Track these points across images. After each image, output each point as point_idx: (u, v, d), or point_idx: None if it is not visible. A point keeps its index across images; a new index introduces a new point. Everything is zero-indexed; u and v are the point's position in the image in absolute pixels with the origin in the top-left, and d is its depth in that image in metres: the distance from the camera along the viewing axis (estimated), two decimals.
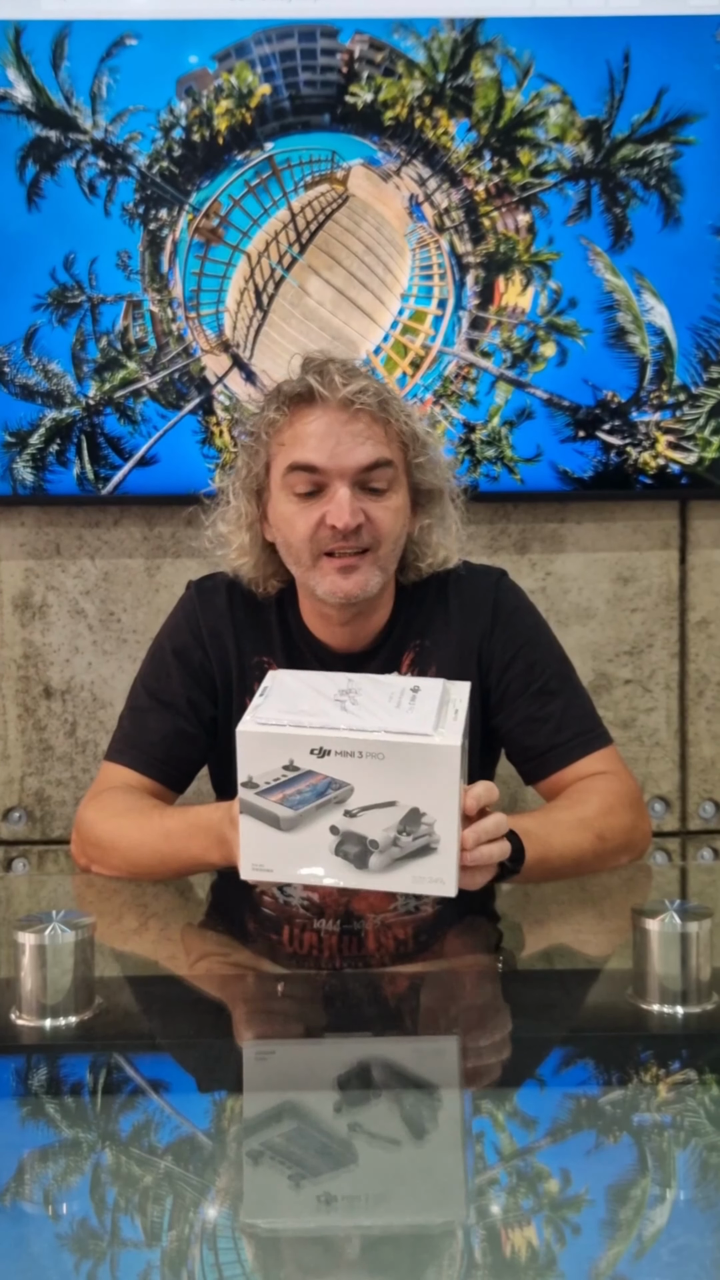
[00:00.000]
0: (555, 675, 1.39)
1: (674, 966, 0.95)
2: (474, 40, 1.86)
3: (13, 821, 1.99)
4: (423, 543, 1.36)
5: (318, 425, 1.26)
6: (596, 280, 1.91)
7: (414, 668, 1.38)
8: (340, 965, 1.11)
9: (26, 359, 1.90)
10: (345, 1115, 0.85)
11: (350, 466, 1.26)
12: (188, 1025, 1.02)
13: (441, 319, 1.92)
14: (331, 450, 1.25)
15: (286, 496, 1.29)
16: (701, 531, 2.01)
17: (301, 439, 1.27)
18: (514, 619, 1.39)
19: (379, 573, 1.29)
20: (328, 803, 0.96)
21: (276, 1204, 0.72)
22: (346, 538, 1.26)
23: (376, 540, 1.28)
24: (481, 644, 1.38)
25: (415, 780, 0.95)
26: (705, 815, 2.02)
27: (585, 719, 1.38)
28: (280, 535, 1.32)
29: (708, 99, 1.89)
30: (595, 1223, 0.70)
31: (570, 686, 1.40)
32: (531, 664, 1.38)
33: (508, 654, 1.37)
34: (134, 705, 1.42)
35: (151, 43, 1.86)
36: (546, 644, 1.41)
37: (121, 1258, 0.66)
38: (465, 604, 1.39)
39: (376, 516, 1.27)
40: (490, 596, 1.40)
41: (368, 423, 1.27)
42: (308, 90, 1.87)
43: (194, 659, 1.39)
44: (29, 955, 0.93)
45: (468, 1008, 1.04)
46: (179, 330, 1.91)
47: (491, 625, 1.38)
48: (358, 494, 1.26)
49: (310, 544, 1.28)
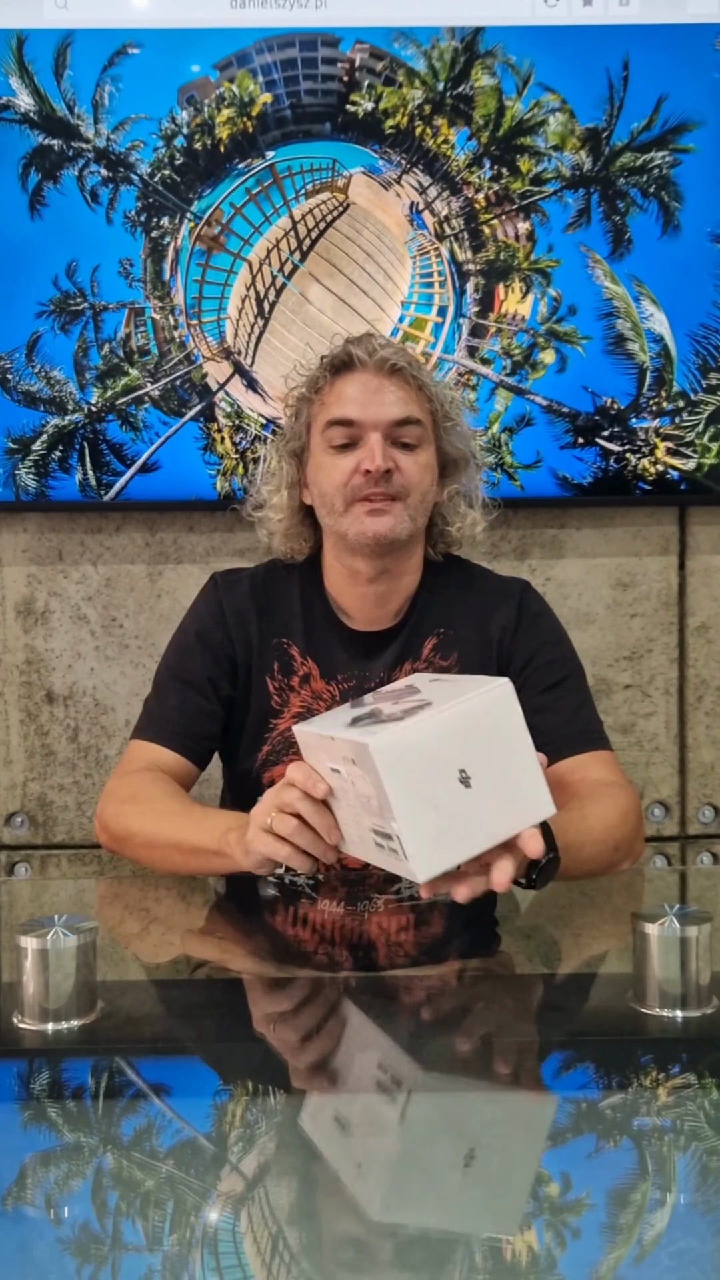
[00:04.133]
0: (571, 676, 1.45)
1: (673, 971, 0.95)
2: (474, 49, 1.87)
3: (15, 826, 1.99)
4: (450, 510, 1.45)
5: (355, 385, 1.37)
6: (596, 288, 1.92)
7: (436, 653, 1.44)
8: (340, 964, 1.11)
9: (29, 366, 1.91)
10: (344, 1117, 0.85)
11: (384, 419, 1.36)
12: (190, 1029, 1.02)
13: (442, 326, 1.93)
14: (366, 405, 1.36)
15: (324, 449, 1.39)
16: (700, 537, 2.01)
17: (340, 398, 1.38)
18: (539, 620, 1.47)
19: (408, 520, 1.37)
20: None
21: (276, 1206, 0.73)
22: (378, 483, 1.35)
23: (405, 489, 1.36)
24: (504, 638, 1.44)
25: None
26: (704, 820, 2.03)
27: (593, 722, 1.44)
28: (317, 487, 1.40)
29: (707, 107, 1.90)
30: (595, 1227, 0.70)
31: (583, 692, 1.46)
32: (551, 662, 1.44)
33: (529, 650, 1.43)
34: (157, 687, 1.48)
35: (153, 52, 1.87)
36: (566, 649, 1.48)
37: (123, 1262, 0.67)
38: (491, 599, 1.46)
39: (406, 466, 1.37)
40: (517, 597, 1.47)
41: (401, 384, 1.37)
42: (309, 99, 1.88)
43: (214, 640, 1.44)
44: (31, 959, 0.93)
45: (467, 1011, 1.04)
46: (181, 337, 1.92)
47: (516, 622, 1.44)
48: (389, 448, 1.36)
49: (344, 490, 1.36)
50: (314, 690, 1.42)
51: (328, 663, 1.43)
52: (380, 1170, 0.77)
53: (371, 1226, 0.71)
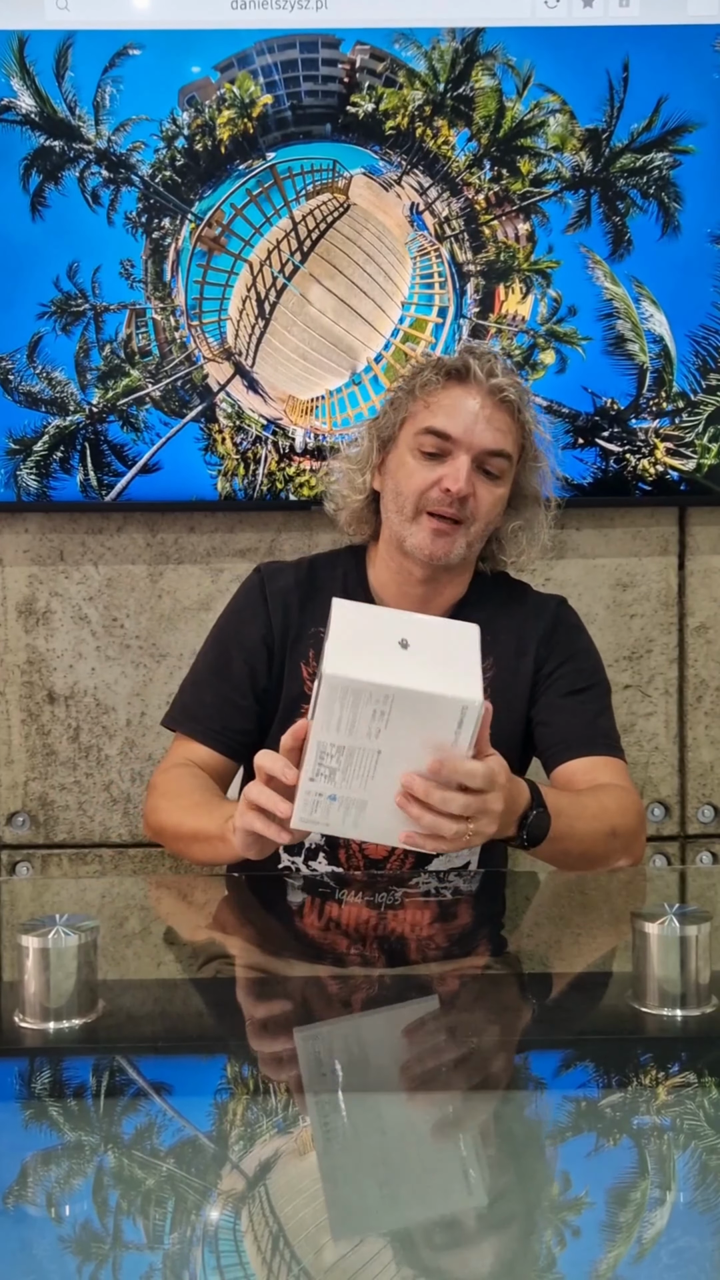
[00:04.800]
0: (597, 686, 1.48)
1: (673, 970, 0.96)
2: (474, 50, 1.88)
3: (16, 826, 2.00)
4: (510, 541, 1.48)
5: (463, 401, 1.39)
6: (596, 288, 1.92)
7: None
8: (341, 963, 1.11)
9: (30, 367, 1.91)
10: (345, 1117, 0.86)
11: (478, 445, 1.38)
12: (191, 1028, 1.02)
13: (442, 327, 1.93)
14: (467, 424, 1.38)
15: (411, 451, 1.40)
16: (700, 538, 2.01)
17: (445, 407, 1.39)
18: (573, 633, 1.51)
19: (465, 545, 1.41)
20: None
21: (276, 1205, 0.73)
22: (452, 504, 1.37)
23: (474, 516, 1.39)
24: (539, 647, 1.47)
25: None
26: (704, 819, 2.03)
27: (609, 732, 1.46)
28: (393, 482, 1.42)
29: (707, 108, 1.90)
30: (595, 1225, 0.70)
31: (604, 702, 1.49)
32: (579, 670, 1.47)
33: (561, 657, 1.47)
34: (196, 679, 1.50)
35: (154, 53, 1.87)
36: (596, 663, 1.51)
37: (124, 1260, 0.67)
38: (530, 612, 1.50)
39: (482, 495, 1.39)
40: (554, 611, 1.51)
41: (505, 415, 1.40)
42: (309, 100, 1.88)
43: (253, 632, 1.46)
44: (33, 958, 0.94)
45: (468, 1010, 1.04)
46: (181, 338, 1.92)
47: (551, 632, 1.48)
48: (473, 471, 1.38)
49: (418, 498, 1.39)
50: None
51: None
52: (380, 1169, 0.77)
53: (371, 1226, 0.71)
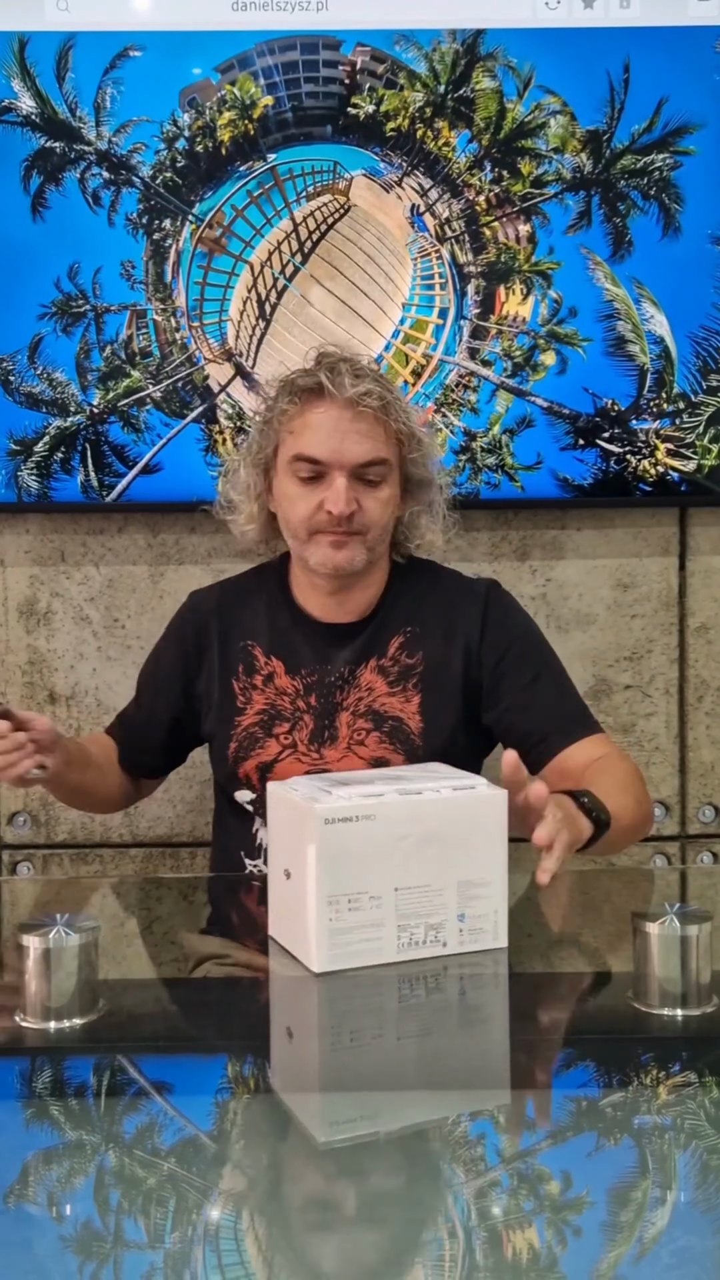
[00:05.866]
0: (547, 667, 1.48)
1: (674, 970, 0.96)
2: (475, 52, 1.88)
3: (18, 826, 2.00)
4: (411, 526, 1.49)
5: (324, 420, 1.39)
6: (597, 289, 1.92)
7: (402, 651, 1.47)
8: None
9: (31, 368, 1.91)
10: (345, 1116, 0.86)
11: (349, 461, 1.38)
12: (191, 1028, 1.03)
13: (443, 328, 1.93)
14: (334, 445, 1.38)
15: (290, 479, 1.42)
16: (701, 538, 2.02)
17: (309, 431, 1.39)
18: (507, 617, 1.50)
19: (366, 551, 1.42)
20: None
21: (277, 1204, 0.73)
22: (339, 523, 1.39)
23: (365, 526, 1.41)
24: (470, 643, 1.46)
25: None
26: (705, 819, 2.03)
27: (579, 708, 1.47)
28: (281, 511, 1.45)
29: (708, 109, 1.90)
30: (596, 1225, 0.70)
31: (562, 680, 1.49)
32: (524, 654, 1.47)
33: (501, 647, 1.46)
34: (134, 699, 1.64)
35: (155, 54, 1.87)
36: (538, 641, 1.51)
37: (125, 1259, 0.67)
38: (457, 600, 1.49)
39: (368, 505, 1.40)
40: (483, 596, 1.50)
41: (369, 423, 1.39)
42: (310, 101, 1.88)
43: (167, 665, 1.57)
44: (34, 958, 0.94)
45: (468, 1009, 1.04)
46: (182, 339, 1.92)
47: (483, 621, 1.47)
48: (353, 484, 1.39)
49: (308, 522, 1.41)
50: (278, 687, 1.47)
51: (292, 659, 1.48)
52: (380, 1171, 0.78)
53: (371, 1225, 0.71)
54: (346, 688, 1.44)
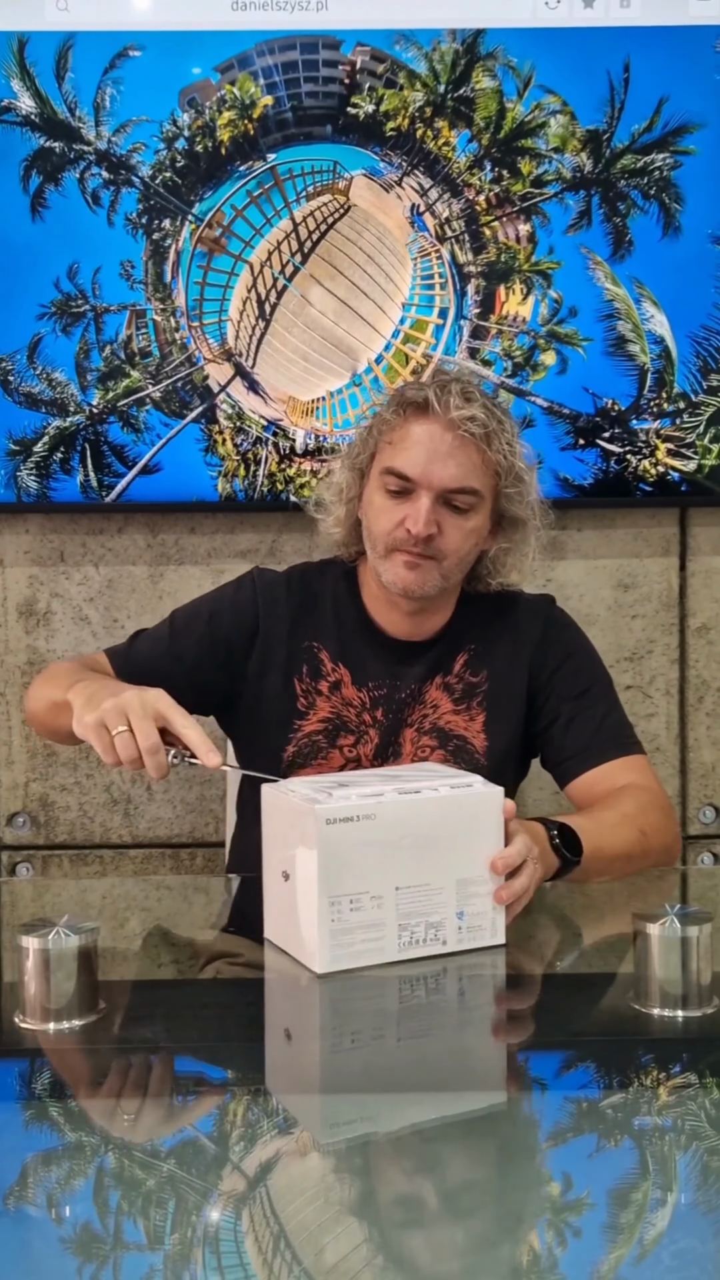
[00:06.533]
0: (599, 684, 1.48)
1: (674, 971, 0.96)
2: (475, 51, 1.88)
3: (17, 826, 2.00)
4: (498, 562, 1.46)
5: (422, 437, 1.36)
6: (597, 289, 1.92)
7: (466, 668, 1.46)
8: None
9: (31, 368, 1.91)
10: (345, 1118, 0.86)
11: (437, 484, 1.35)
12: (191, 1029, 1.02)
13: (443, 328, 1.93)
14: (425, 465, 1.35)
15: (379, 489, 1.39)
16: (701, 538, 2.01)
17: (405, 445, 1.37)
18: (565, 633, 1.51)
19: (440, 578, 1.39)
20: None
21: (277, 1205, 0.73)
22: (417, 543, 1.36)
23: (442, 553, 1.37)
24: (533, 653, 1.47)
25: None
26: (705, 820, 2.03)
27: (623, 728, 1.46)
28: (366, 520, 1.43)
29: (708, 109, 1.90)
30: (596, 1227, 0.70)
31: (611, 698, 1.48)
32: (578, 670, 1.47)
33: (557, 660, 1.47)
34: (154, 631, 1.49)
35: (155, 54, 1.87)
36: (592, 659, 1.51)
37: (125, 1261, 0.67)
38: (522, 618, 1.49)
39: (449, 532, 1.37)
40: (544, 614, 1.51)
41: (467, 449, 1.35)
42: (310, 101, 1.88)
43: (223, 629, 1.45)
44: (33, 959, 0.94)
45: (469, 1011, 1.04)
46: (182, 339, 1.92)
47: (544, 636, 1.48)
48: (439, 508, 1.36)
49: (387, 537, 1.38)
50: (344, 697, 1.43)
51: (359, 670, 1.44)
52: (380, 1171, 0.77)
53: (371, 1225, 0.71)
54: (413, 704, 1.43)
